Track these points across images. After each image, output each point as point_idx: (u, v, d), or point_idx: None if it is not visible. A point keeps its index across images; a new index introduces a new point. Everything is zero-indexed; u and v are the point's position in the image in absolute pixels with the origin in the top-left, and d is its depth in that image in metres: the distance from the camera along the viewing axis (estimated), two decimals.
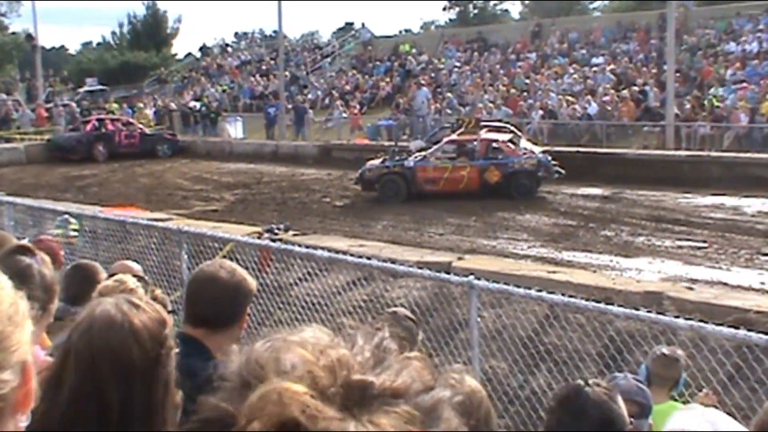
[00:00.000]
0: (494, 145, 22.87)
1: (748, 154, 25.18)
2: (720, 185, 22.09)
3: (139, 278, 4.79)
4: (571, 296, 7.43)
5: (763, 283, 12.73)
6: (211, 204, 23.23)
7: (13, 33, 68.23)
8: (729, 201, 20.51)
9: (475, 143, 22.89)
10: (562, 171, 22.46)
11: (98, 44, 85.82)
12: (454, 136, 23.86)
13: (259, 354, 1.00)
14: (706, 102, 30.58)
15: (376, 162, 23.74)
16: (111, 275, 4.72)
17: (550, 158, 22.69)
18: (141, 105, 47.46)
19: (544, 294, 7.04)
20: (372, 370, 0.98)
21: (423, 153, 23.44)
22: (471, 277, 6.99)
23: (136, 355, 2.09)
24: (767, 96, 29.70)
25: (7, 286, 1.42)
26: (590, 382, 3.09)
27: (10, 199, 13.50)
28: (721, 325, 6.48)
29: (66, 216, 9.58)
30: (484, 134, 23.38)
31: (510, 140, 23.17)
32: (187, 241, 9.76)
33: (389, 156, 24.01)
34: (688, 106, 30.59)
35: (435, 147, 23.63)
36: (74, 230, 9.33)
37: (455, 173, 22.57)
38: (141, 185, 28.03)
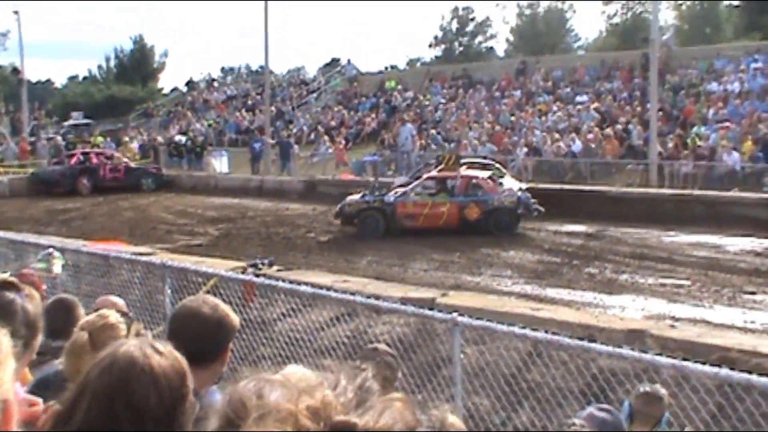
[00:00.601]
0: (474, 182, 22.98)
1: (731, 193, 25.33)
2: (703, 223, 22.18)
3: (123, 313, 4.77)
4: (554, 333, 7.44)
5: (745, 322, 12.76)
6: (195, 238, 23.17)
7: (0, 66, 68.35)
8: (712, 239, 20.58)
9: (455, 180, 22.96)
10: (542, 209, 22.55)
11: (84, 78, 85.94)
12: (434, 173, 23.92)
13: (243, 393, 1.00)
14: (689, 141, 30.79)
15: (356, 197, 23.73)
16: (95, 310, 4.71)
17: (529, 196, 22.75)
18: (126, 139, 47.47)
19: (527, 331, 7.04)
20: (355, 411, 0.98)
21: (403, 189, 23.45)
22: (455, 314, 6.99)
23: (153, 401, 2.08)
24: (749, 135, 29.93)
25: None
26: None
27: None
28: (703, 363, 6.49)
29: (50, 250, 9.54)
30: (464, 171, 23.46)
31: (489, 177, 23.25)
32: (170, 275, 9.73)
33: (369, 191, 24.06)
34: (671, 144, 30.81)
35: (415, 183, 23.72)
36: (59, 264, 9.29)
37: (435, 209, 22.63)
38: (125, 219, 27.95)
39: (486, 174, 23.54)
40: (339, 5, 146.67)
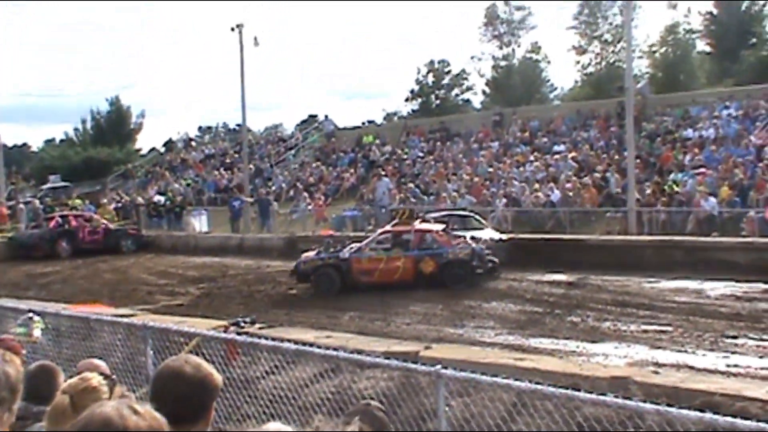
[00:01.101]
0: (428, 235, 23.05)
1: (710, 238, 25.50)
2: (683, 269, 22.28)
3: (106, 376, 4.75)
4: (538, 383, 7.43)
5: (728, 366, 12.79)
6: (176, 298, 23.06)
7: None
8: (692, 285, 20.66)
9: (409, 234, 23.05)
10: (496, 260, 22.80)
11: (61, 141, 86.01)
12: (388, 227, 24.25)
13: None
14: (666, 187, 31.02)
15: (312, 254, 23.71)
16: (78, 373, 4.69)
17: (483, 248, 22.85)
18: (104, 201, 47.39)
19: (511, 381, 7.03)
20: None
21: (358, 245, 23.50)
22: (438, 367, 6.99)
23: None
24: (725, 181, 30.19)
25: None
26: None
27: None
28: (688, 408, 6.50)
29: (30, 314, 9.49)
30: (417, 225, 23.59)
31: (443, 230, 23.40)
32: (152, 336, 9.68)
33: (324, 248, 24.10)
34: (648, 191, 31.03)
35: (369, 239, 23.87)
36: (39, 328, 9.24)
37: (390, 264, 22.65)
38: (105, 281, 27.81)
39: (439, 227, 23.70)
40: (316, 61, 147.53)
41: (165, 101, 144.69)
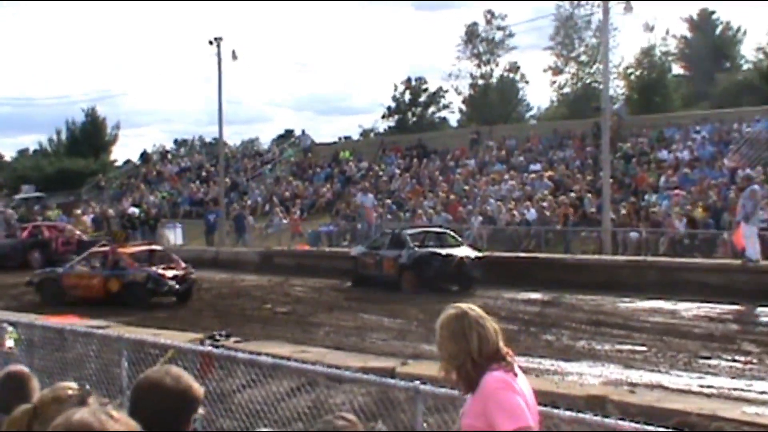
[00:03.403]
0: (118, 257, 25.20)
1: (684, 259, 25.64)
2: (657, 289, 22.39)
3: (79, 386, 4.68)
4: None
5: (701, 386, 12.82)
6: (151, 311, 22.93)
7: None
8: (666, 305, 20.78)
9: (108, 255, 25.53)
10: (176, 286, 24.49)
11: (35, 151, 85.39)
12: (95, 248, 27.16)
13: None
14: (641, 208, 31.19)
15: (46, 269, 27.14)
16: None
17: (159, 273, 24.57)
18: (78, 212, 47.08)
19: None
20: None
21: (73, 261, 26.39)
22: (416, 382, 6.95)
23: None
24: (699, 202, 30.37)
25: None
26: None
27: None
28: (666, 428, 6.51)
29: (4, 325, 9.40)
30: (115, 248, 26.20)
31: (132, 254, 25.53)
32: (127, 348, 9.61)
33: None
34: (623, 211, 31.17)
35: (82, 256, 26.62)
36: (12, 339, 9.14)
37: (89, 281, 24.93)
38: None
39: (133, 250, 26.13)
40: (293, 75, 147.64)
41: (141, 113, 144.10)
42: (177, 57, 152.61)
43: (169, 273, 24.60)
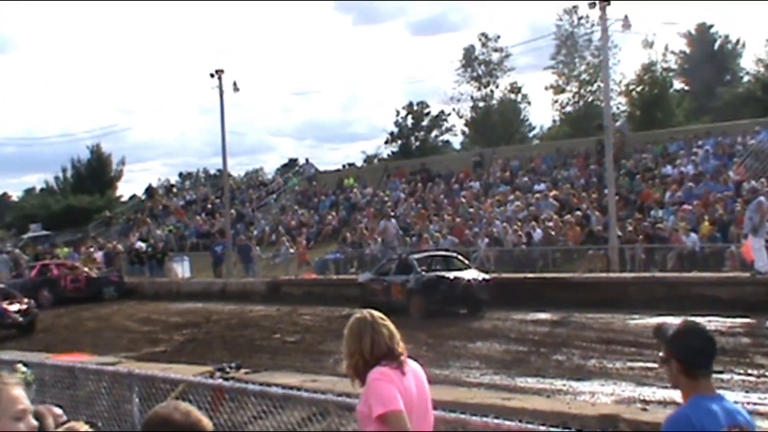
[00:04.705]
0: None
1: (692, 274, 25.57)
2: (666, 305, 22.30)
3: (91, 424, 4.70)
4: (528, 423, 7.40)
5: None
6: (159, 345, 22.93)
7: None
8: (676, 321, 20.61)
9: None
10: (19, 319, 27.24)
11: (41, 190, 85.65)
12: None
13: None
14: (647, 224, 31.13)
15: None
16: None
17: (3, 307, 27.23)
18: (91, 249, 47.16)
19: (501, 422, 7.00)
20: None
21: None
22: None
23: None
24: (705, 216, 30.31)
25: None
26: None
27: None
28: None
29: (18, 365, 9.40)
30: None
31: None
32: (137, 384, 9.61)
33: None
34: (630, 228, 31.11)
35: None
36: (25, 381, 9.13)
37: None
38: (88, 329, 27.65)
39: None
40: (293, 104, 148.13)
41: (145, 147, 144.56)
42: (179, 90, 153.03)
43: (13, 307, 27.24)
